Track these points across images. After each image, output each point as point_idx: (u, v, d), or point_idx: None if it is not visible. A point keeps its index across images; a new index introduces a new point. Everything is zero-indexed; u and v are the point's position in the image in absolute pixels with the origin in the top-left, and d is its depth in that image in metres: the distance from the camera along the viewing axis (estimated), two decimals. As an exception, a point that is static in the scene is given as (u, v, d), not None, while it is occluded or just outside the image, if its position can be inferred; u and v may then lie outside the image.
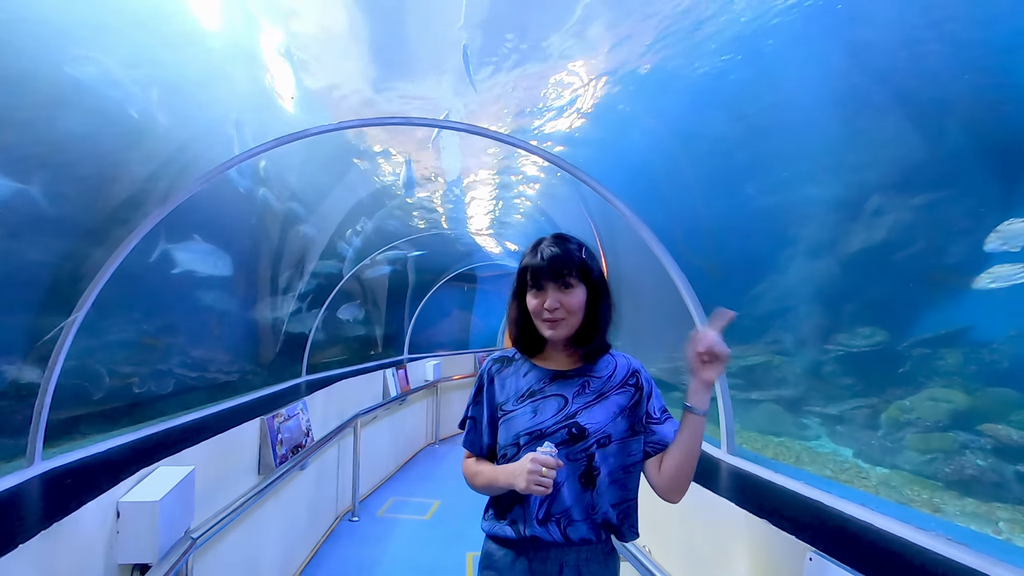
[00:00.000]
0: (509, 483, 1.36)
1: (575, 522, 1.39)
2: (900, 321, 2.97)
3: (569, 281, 1.42)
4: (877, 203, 2.94)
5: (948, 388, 2.67)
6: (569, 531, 1.39)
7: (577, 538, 1.39)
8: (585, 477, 1.40)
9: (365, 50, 3.03)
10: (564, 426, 1.40)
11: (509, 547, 1.44)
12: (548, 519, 1.40)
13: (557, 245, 1.46)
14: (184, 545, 2.08)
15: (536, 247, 1.48)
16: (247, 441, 3.21)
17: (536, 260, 1.44)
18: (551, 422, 1.42)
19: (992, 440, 2.41)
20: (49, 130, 2.18)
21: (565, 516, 1.39)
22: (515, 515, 1.43)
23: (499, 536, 1.45)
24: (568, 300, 1.41)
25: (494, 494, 1.48)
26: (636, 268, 3.69)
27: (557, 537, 1.39)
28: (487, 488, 1.47)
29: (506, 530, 1.43)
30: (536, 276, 1.43)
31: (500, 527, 1.45)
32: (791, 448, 3.09)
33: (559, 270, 1.41)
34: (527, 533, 1.40)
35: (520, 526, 1.41)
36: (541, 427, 1.41)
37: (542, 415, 1.43)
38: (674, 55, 2.97)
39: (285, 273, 4.95)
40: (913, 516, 1.84)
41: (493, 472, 1.44)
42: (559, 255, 1.43)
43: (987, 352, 2.61)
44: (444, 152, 4.82)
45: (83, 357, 2.70)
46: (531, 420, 1.43)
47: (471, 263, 9.92)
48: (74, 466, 2.33)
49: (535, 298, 1.44)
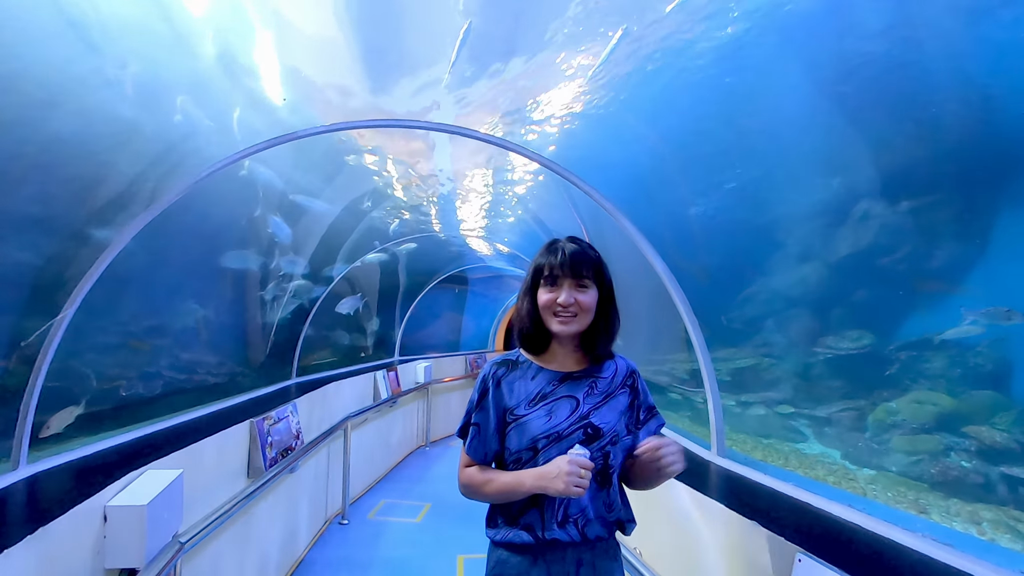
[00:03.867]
0: (540, 487, 1.34)
1: (591, 521, 1.41)
2: (886, 324, 3.00)
3: (585, 280, 1.44)
4: (864, 208, 2.98)
5: (933, 391, 2.70)
6: (587, 530, 1.41)
7: (593, 536, 1.41)
8: (601, 475, 1.43)
9: (357, 51, 3.03)
10: (579, 427, 1.42)
11: (525, 553, 1.42)
12: (567, 520, 1.40)
13: (575, 243, 1.48)
14: (172, 549, 2.06)
15: (552, 246, 1.50)
16: (236, 444, 3.18)
17: (554, 257, 1.45)
18: (566, 424, 1.42)
19: (976, 442, 2.44)
20: (37, 131, 2.16)
21: (582, 516, 1.41)
22: (530, 520, 1.42)
23: (514, 543, 1.43)
24: (583, 298, 1.43)
25: (509, 500, 1.45)
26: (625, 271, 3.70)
27: (576, 537, 1.40)
28: (502, 495, 1.44)
29: (522, 536, 1.41)
30: (553, 272, 1.44)
31: (515, 534, 1.43)
32: (780, 450, 3.11)
33: (578, 267, 1.43)
34: (547, 536, 1.40)
35: (538, 530, 1.41)
36: (557, 429, 1.41)
37: (557, 417, 1.43)
38: (665, 60, 2.99)
39: (275, 275, 4.92)
40: (899, 517, 1.87)
41: (513, 478, 1.41)
42: (578, 252, 1.46)
43: (971, 355, 2.64)
44: (435, 154, 4.81)
45: (69, 359, 2.66)
46: (547, 423, 1.42)
47: (462, 265, 9.91)
48: (60, 469, 2.30)
49: (548, 293, 1.45)
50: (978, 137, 2.32)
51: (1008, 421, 2.41)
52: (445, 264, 9.56)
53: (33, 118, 2.11)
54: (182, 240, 3.44)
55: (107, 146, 2.53)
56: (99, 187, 2.57)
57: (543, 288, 1.46)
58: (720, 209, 3.58)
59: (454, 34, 2.86)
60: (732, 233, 3.57)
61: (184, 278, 3.81)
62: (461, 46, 2.90)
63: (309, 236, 5.22)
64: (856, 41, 2.52)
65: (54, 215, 2.45)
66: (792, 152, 3.03)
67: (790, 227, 3.26)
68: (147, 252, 2.98)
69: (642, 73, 3.13)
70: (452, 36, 2.87)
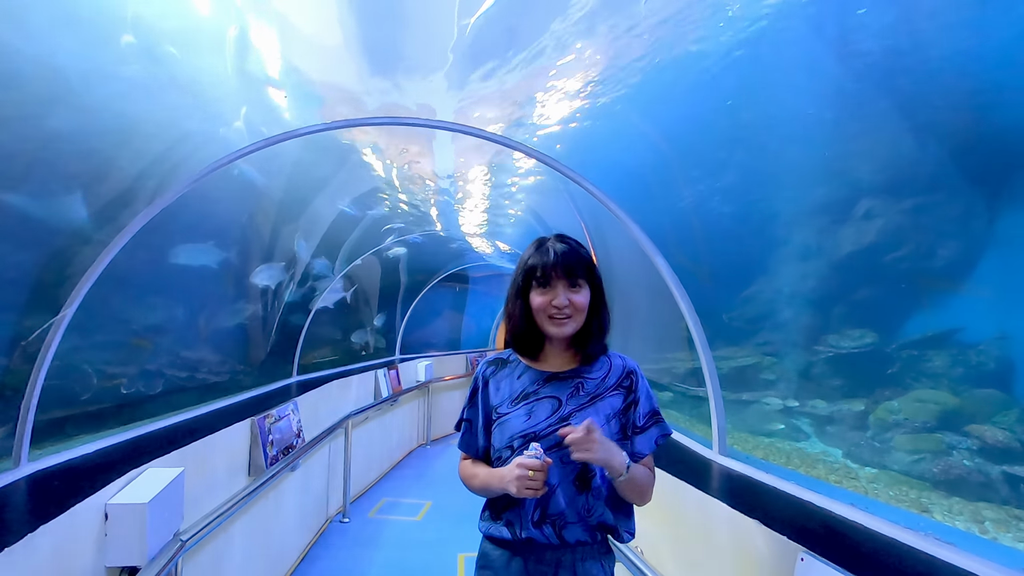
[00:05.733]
0: (501, 488, 1.36)
1: (570, 524, 1.39)
2: (888, 323, 3.00)
3: (579, 280, 1.42)
4: (867, 206, 2.97)
5: (935, 389, 2.70)
6: (564, 533, 1.39)
7: (573, 540, 1.39)
8: (580, 480, 1.40)
9: (358, 49, 3.02)
10: (557, 428, 1.39)
11: (505, 547, 1.44)
12: (543, 521, 1.39)
13: (565, 243, 1.45)
14: (173, 547, 2.06)
15: (541, 245, 1.46)
16: (237, 442, 3.18)
17: (546, 257, 1.42)
18: (544, 424, 1.41)
19: (978, 441, 2.44)
20: (37, 127, 2.16)
21: (560, 518, 1.39)
22: (511, 516, 1.43)
23: (495, 537, 1.45)
24: (577, 299, 1.41)
25: (490, 496, 1.49)
26: (626, 268, 3.70)
27: (552, 539, 1.39)
28: (483, 490, 1.48)
29: (502, 531, 1.43)
30: (546, 273, 1.41)
31: (496, 528, 1.45)
32: (782, 448, 3.12)
33: (571, 267, 1.41)
34: (522, 535, 1.40)
35: (516, 528, 1.41)
36: (535, 430, 1.40)
37: (536, 417, 1.42)
38: (668, 58, 2.98)
39: (276, 271, 4.92)
40: (902, 516, 1.86)
41: (487, 475, 1.44)
42: (570, 252, 1.43)
43: (973, 354, 2.64)
44: (437, 151, 4.80)
45: (70, 356, 2.66)
46: (525, 423, 1.42)
47: (463, 263, 9.91)
48: (61, 468, 2.30)
49: (542, 295, 1.42)
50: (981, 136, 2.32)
51: (1010, 420, 2.40)
52: (446, 262, 9.55)
53: (34, 115, 2.11)
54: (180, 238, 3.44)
55: (108, 144, 2.53)
56: (100, 185, 2.56)
57: (536, 290, 1.43)
58: (722, 207, 3.58)
59: (455, 32, 2.85)
60: (734, 231, 3.57)
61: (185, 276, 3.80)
62: (460, 44, 2.90)
63: (310, 235, 5.22)
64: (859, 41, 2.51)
65: (55, 212, 2.44)
66: (795, 150, 3.03)
67: (792, 226, 3.26)
68: (146, 249, 2.98)
69: (645, 72, 3.13)
70: (453, 34, 2.87)
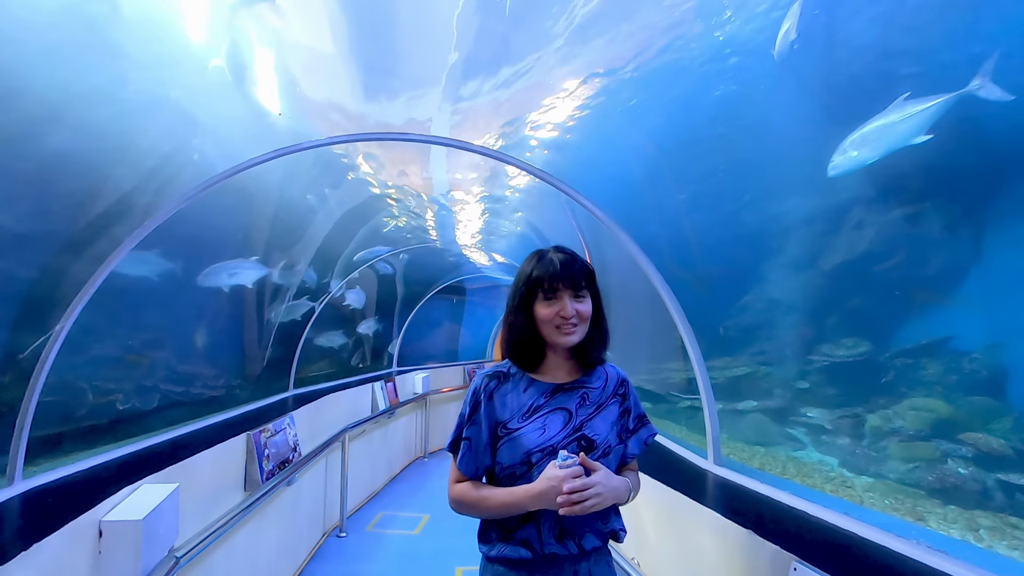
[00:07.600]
0: (538, 505, 1.33)
1: (587, 533, 1.40)
2: (882, 332, 3.01)
3: (583, 290, 1.43)
4: (859, 216, 3.00)
5: (929, 398, 2.71)
6: (583, 542, 1.40)
7: (590, 547, 1.40)
8: None
9: (353, 65, 3.06)
10: (573, 439, 1.40)
11: (522, 568, 1.40)
12: (564, 535, 1.39)
13: (565, 253, 1.46)
14: (168, 564, 2.05)
15: (543, 257, 1.47)
16: (233, 457, 3.17)
17: (551, 268, 1.42)
18: (560, 436, 1.40)
19: (973, 449, 2.45)
20: (36, 147, 2.18)
21: (579, 530, 1.40)
22: (526, 535, 1.39)
23: (511, 558, 1.40)
24: (582, 308, 1.42)
25: (508, 515, 1.40)
26: (623, 279, 3.72)
27: (573, 549, 1.39)
28: (501, 511, 1.40)
29: (520, 552, 1.39)
30: (552, 284, 1.41)
31: (511, 550, 1.40)
32: (777, 458, 3.11)
33: (576, 278, 1.42)
34: (545, 551, 1.38)
35: (536, 545, 1.38)
36: (552, 443, 1.39)
37: (551, 430, 1.41)
38: (659, 69, 3.02)
39: (272, 286, 4.93)
40: (896, 525, 1.87)
41: (509, 495, 1.37)
42: (572, 262, 1.44)
43: (967, 362, 2.65)
44: (433, 164, 4.84)
45: (65, 373, 2.66)
46: (541, 437, 1.40)
47: (460, 275, 9.92)
48: (56, 484, 2.29)
49: (548, 306, 1.42)
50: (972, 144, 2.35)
51: (1005, 427, 2.41)
52: (443, 274, 9.57)
53: (32, 134, 2.13)
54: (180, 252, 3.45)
55: (104, 161, 2.55)
56: (95, 201, 2.58)
57: (542, 302, 1.42)
58: (715, 218, 3.60)
59: (449, 47, 2.89)
60: (727, 242, 3.58)
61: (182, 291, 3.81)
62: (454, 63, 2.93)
63: (306, 248, 5.24)
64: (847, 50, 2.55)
65: (51, 230, 2.46)
66: (786, 160, 3.06)
67: (785, 236, 3.28)
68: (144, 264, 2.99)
69: (638, 84, 3.17)
70: (447, 49, 2.91)
